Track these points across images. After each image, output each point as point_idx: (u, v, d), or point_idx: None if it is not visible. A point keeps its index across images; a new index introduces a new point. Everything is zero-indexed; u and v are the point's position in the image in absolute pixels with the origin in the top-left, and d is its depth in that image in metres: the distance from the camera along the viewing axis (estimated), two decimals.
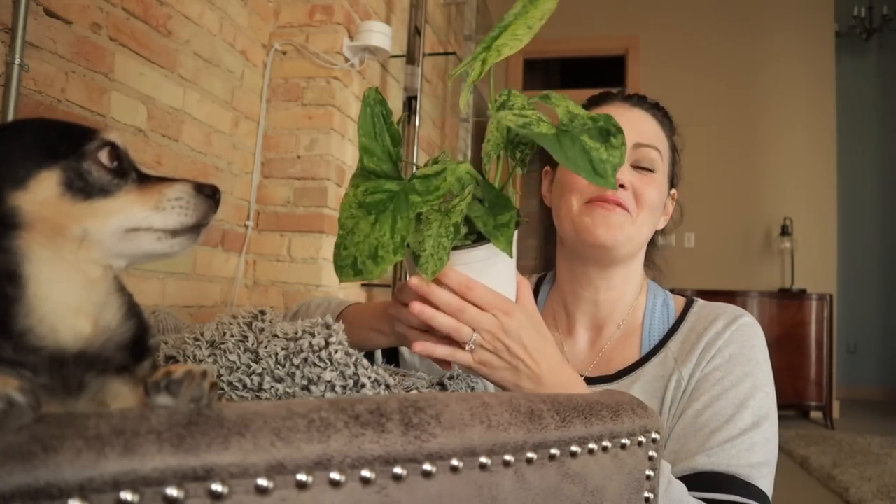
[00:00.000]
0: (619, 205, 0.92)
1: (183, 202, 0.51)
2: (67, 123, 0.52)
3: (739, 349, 0.88)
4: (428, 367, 0.98)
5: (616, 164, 0.60)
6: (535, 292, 1.09)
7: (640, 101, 1.02)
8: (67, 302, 0.46)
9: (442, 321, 0.68)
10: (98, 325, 0.48)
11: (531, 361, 0.71)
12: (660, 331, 0.97)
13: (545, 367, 0.72)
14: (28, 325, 0.44)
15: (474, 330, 0.69)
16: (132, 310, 0.53)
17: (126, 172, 0.51)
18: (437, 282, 0.68)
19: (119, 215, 0.49)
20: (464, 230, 0.68)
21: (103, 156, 0.50)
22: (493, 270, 0.69)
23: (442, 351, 0.71)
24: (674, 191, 1.05)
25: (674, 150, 1.03)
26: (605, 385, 0.94)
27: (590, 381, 0.95)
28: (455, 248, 0.66)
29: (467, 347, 0.70)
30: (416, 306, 0.68)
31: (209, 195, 0.53)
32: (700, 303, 0.99)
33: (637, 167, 0.95)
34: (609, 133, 0.61)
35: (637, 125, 0.97)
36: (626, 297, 1.00)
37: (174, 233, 0.51)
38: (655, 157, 0.96)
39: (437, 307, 0.69)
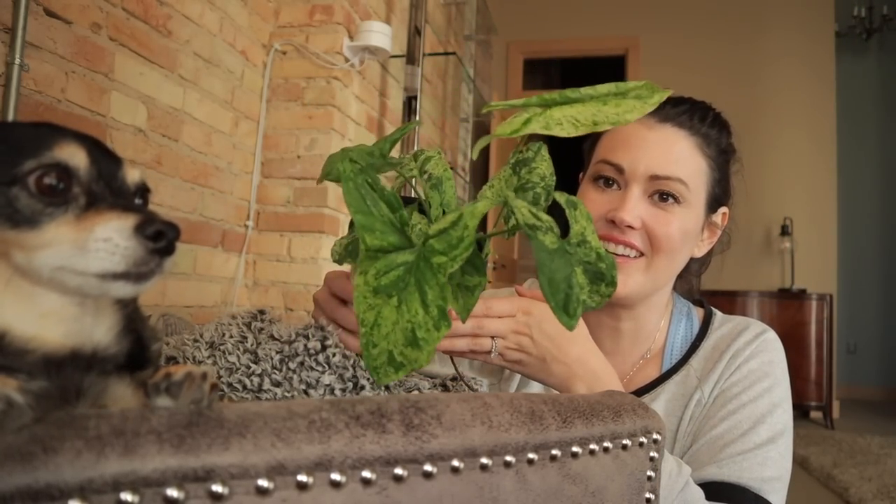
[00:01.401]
0: (629, 245, 0.84)
1: (110, 245, 0.43)
2: (22, 134, 0.46)
3: (759, 365, 0.86)
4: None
5: (590, 308, 0.59)
6: None
7: (673, 113, 0.86)
8: (21, 328, 0.43)
9: (460, 345, 0.70)
10: (83, 347, 0.45)
11: (557, 351, 0.71)
12: (682, 348, 0.92)
13: (573, 355, 0.72)
14: (2, 332, 0.42)
15: (493, 338, 0.71)
16: (130, 325, 0.50)
17: (70, 198, 0.44)
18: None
19: (43, 251, 0.42)
20: None
21: (38, 180, 0.43)
22: None
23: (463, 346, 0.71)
24: (723, 210, 0.94)
25: (721, 165, 0.90)
26: None
27: None
28: None
29: (492, 356, 0.72)
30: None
31: (151, 237, 0.43)
32: (719, 316, 0.95)
33: (657, 198, 0.84)
34: (602, 279, 0.58)
35: (658, 150, 0.84)
36: (649, 326, 0.93)
37: (102, 277, 0.43)
38: (679, 188, 0.84)
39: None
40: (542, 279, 0.53)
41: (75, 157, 0.46)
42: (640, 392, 0.91)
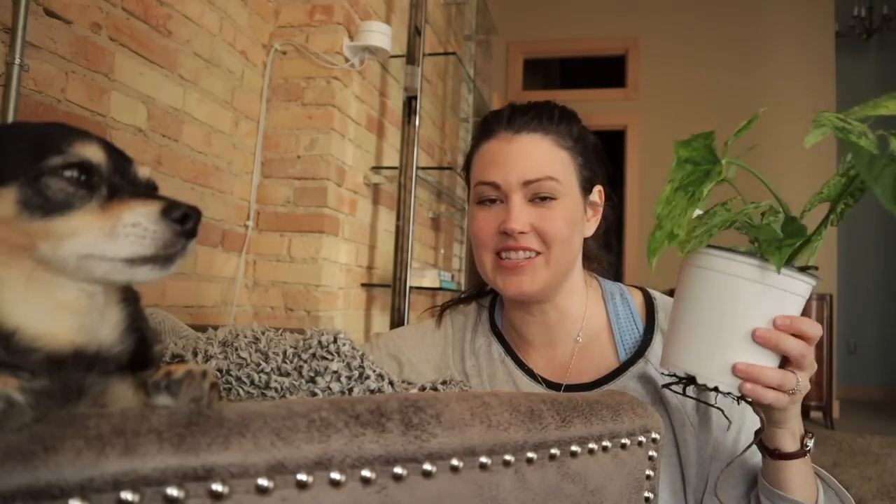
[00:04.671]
0: (525, 249, 0.89)
1: (140, 230, 0.45)
2: (40, 132, 0.48)
3: None
4: None
5: None
6: (492, 318, 1.07)
7: (524, 122, 0.92)
8: (34, 325, 0.43)
9: (771, 378, 0.65)
10: (87, 346, 0.46)
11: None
12: (631, 334, 0.96)
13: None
14: (12, 330, 0.43)
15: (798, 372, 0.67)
16: (134, 324, 0.51)
17: (93, 189, 0.46)
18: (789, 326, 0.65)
19: (72, 240, 0.44)
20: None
21: (65, 172, 0.45)
22: (767, 301, 0.66)
23: (771, 395, 0.65)
24: (597, 188, 0.99)
25: (581, 150, 0.95)
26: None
27: (569, 388, 0.95)
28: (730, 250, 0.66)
29: (793, 394, 0.67)
30: (741, 365, 0.64)
31: (177, 220, 0.45)
32: (659, 299, 0.99)
33: (537, 200, 0.90)
34: None
35: (522, 158, 0.90)
36: (571, 312, 0.98)
37: (131, 262, 0.45)
38: (551, 185, 0.89)
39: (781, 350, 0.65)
40: (865, 174, 0.56)
41: (95, 151, 0.48)
42: (600, 382, 0.93)
